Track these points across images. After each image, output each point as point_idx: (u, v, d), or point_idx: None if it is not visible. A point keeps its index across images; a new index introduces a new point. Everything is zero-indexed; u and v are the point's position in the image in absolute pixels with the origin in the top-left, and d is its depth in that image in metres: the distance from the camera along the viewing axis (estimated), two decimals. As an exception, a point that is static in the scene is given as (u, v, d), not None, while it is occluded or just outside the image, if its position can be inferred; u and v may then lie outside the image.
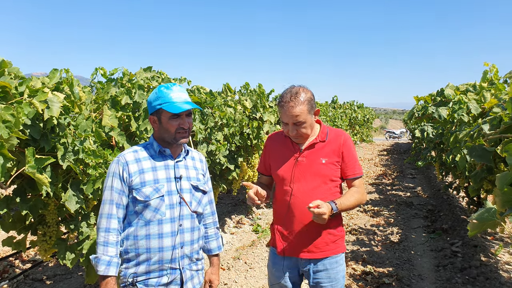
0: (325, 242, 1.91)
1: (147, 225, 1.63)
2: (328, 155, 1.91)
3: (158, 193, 1.63)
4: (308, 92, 1.88)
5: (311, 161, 1.90)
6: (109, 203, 1.63)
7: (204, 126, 3.61)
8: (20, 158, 1.96)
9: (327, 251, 1.92)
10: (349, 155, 1.92)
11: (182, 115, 1.67)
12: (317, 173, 1.89)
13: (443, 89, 3.88)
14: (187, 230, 1.70)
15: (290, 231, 1.93)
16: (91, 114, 2.54)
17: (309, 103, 1.84)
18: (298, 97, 1.83)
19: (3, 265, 4.00)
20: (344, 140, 1.94)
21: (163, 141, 1.71)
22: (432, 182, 9.32)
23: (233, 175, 4.63)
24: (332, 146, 1.92)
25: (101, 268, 1.57)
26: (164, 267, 1.65)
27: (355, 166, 1.94)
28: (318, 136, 1.95)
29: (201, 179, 1.81)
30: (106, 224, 1.62)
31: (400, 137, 24.91)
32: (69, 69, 2.36)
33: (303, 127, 1.86)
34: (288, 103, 1.83)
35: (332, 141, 1.93)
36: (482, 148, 2.34)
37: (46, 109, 1.91)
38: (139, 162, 1.67)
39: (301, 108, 1.82)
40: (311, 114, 1.88)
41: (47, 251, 2.43)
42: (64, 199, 2.08)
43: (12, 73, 2.01)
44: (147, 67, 3.41)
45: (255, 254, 4.48)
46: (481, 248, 4.45)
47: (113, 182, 1.64)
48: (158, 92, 1.67)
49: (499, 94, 3.01)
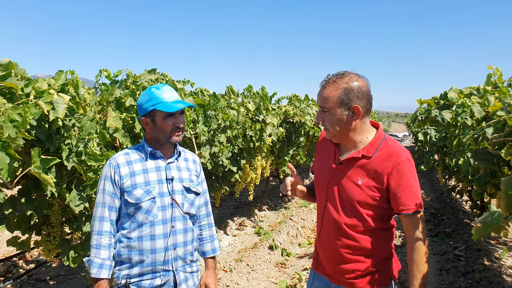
0: (357, 272, 1.57)
1: (140, 227, 1.63)
2: (368, 176, 1.51)
3: (149, 195, 1.64)
4: (356, 82, 1.49)
5: (345, 178, 1.55)
6: (101, 206, 1.64)
7: (207, 128, 3.62)
8: (25, 158, 1.97)
9: (359, 284, 1.57)
10: (400, 183, 1.46)
11: (176, 114, 1.68)
12: (347, 195, 1.54)
13: (447, 92, 3.87)
14: (179, 232, 1.70)
15: (322, 246, 1.67)
16: (96, 115, 2.55)
17: (346, 92, 1.47)
18: (338, 79, 1.49)
19: (7, 265, 4.01)
20: (395, 164, 1.47)
21: (156, 142, 1.71)
22: (435, 185, 9.29)
23: (235, 177, 4.63)
24: (377, 165, 1.49)
25: (93, 271, 1.59)
26: (157, 269, 1.65)
27: (409, 198, 1.46)
28: (364, 148, 1.53)
29: (194, 180, 1.80)
30: (98, 227, 1.63)
31: (403, 140, 24.85)
32: (74, 71, 2.38)
33: (329, 118, 1.52)
34: (324, 82, 1.53)
35: (379, 160, 1.50)
36: (486, 151, 2.34)
37: (52, 110, 1.93)
38: (130, 164, 1.67)
39: (331, 91, 1.48)
40: (344, 108, 1.48)
41: (51, 251, 2.44)
42: (69, 199, 2.09)
43: (19, 74, 2.03)
44: (151, 69, 3.43)
45: (257, 256, 4.48)
46: (485, 252, 4.43)
47: (105, 185, 1.65)
48: (150, 93, 1.67)
49: (503, 98, 3.00)
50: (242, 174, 4.87)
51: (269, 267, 4.21)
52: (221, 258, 4.47)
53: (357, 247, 1.56)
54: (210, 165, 3.78)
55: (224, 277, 3.88)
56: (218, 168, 4.05)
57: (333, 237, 1.60)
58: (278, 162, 6.34)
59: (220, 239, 5.11)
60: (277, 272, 4.12)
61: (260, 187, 8.00)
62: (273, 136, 5.18)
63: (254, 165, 5.20)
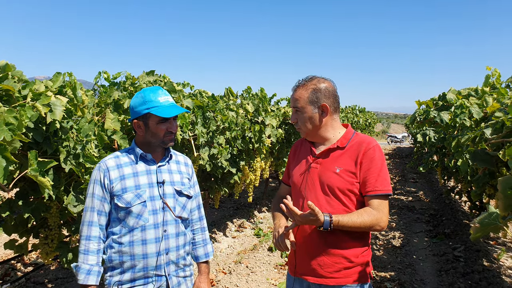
0: (338, 266, 1.61)
1: (131, 232, 1.60)
2: (344, 163, 1.62)
3: (139, 199, 1.60)
4: (323, 83, 1.66)
5: (324, 169, 1.66)
6: (90, 210, 1.62)
7: (206, 130, 3.61)
8: (22, 161, 1.97)
9: (340, 278, 1.61)
10: (370, 166, 1.59)
11: (170, 119, 1.66)
12: (328, 184, 1.63)
13: (445, 93, 3.88)
14: (172, 236, 1.66)
15: (300, 247, 1.69)
16: (94, 117, 2.55)
17: (314, 92, 1.64)
18: (307, 82, 1.67)
19: (5, 268, 4.00)
20: (366, 148, 1.61)
21: (148, 145, 1.69)
22: (434, 186, 9.29)
23: (235, 179, 4.63)
24: (350, 153, 1.63)
25: (81, 277, 1.56)
26: (149, 274, 1.62)
27: (377, 180, 1.58)
28: (338, 141, 1.68)
29: (186, 183, 1.77)
30: (87, 232, 1.60)
31: (402, 141, 24.86)
32: (72, 73, 2.37)
33: (301, 116, 1.67)
34: (295, 86, 1.70)
35: (353, 148, 1.64)
36: (485, 152, 2.34)
37: (49, 112, 1.92)
38: (120, 168, 1.64)
39: (301, 92, 1.66)
40: (314, 106, 1.65)
41: (49, 254, 2.43)
42: (67, 202, 2.09)
43: (16, 77, 2.03)
44: (150, 71, 3.42)
45: (256, 258, 4.47)
46: (484, 253, 4.43)
47: (94, 189, 1.63)
48: (145, 96, 1.64)
49: (501, 99, 3.01)
50: (241, 176, 4.86)
51: (269, 269, 4.20)
52: (221, 260, 4.46)
53: (336, 239, 1.61)
54: (209, 167, 3.77)
55: (224, 279, 3.87)
56: (217, 170, 4.04)
57: (313, 232, 1.64)
58: (277, 163, 6.34)
59: (219, 241, 5.10)
60: (276, 273, 4.11)
61: (259, 188, 7.99)
62: (272, 138, 5.17)
63: (253, 167, 5.20)
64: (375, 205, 1.58)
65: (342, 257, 1.61)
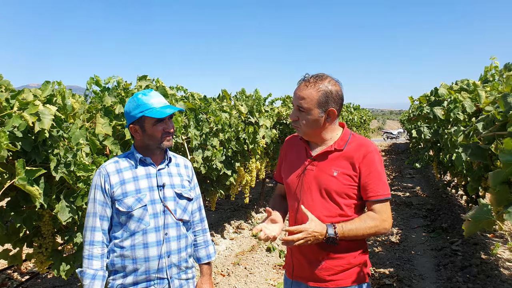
0: (336, 269, 1.59)
1: (132, 235, 1.61)
2: (341, 166, 1.58)
3: (140, 203, 1.62)
4: (334, 86, 1.56)
5: (320, 172, 1.60)
6: (93, 215, 1.63)
7: (199, 132, 3.60)
8: (13, 170, 1.94)
9: (338, 280, 1.59)
10: (370, 171, 1.55)
11: (166, 119, 1.66)
12: (325, 187, 1.58)
13: (437, 88, 3.89)
14: (173, 239, 1.67)
15: (297, 250, 1.67)
16: (85, 123, 2.53)
17: (325, 95, 1.53)
18: (318, 81, 1.55)
19: (1, 278, 3.96)
20: (366, 152, 1.57)
21: (146, 149, 1.69)
22: (431, 181, 9.32)
23: (230, 181, 4.61)
24: (348, 156, 1.58)
25: (86, 282, 1.57)
26: (151, 277, 1.63)
27: (378, 185, 1.55)
28: (335, 143, 1.61)
29: (186, 186, 1.78)
30: (90, 237, 1.61)
31: (398, 138, 24.94)
32: (62, 81, 2.35)
33: (305, 117, 1.57)
34: (303, 82, 1.58)
35: (350, 151, 1.59)
36: (477, 146, 2.34)
37: (37, 121, 1.90)
38: (120, 172, 1.65)
39: (310, 92, 1.54)
40: (321, 110, 1.55)
41: (44, 263, 2.41)
42: (57, 210, 2.07)
43: (3, 86, 2.01)
44: (142, 76, 3.39)
45: (255, 259, 4.46)
46: (481, 246, 4.44)
47: (95, 195, 1.64)
48: (137, 100, 1.64)
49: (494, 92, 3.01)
50: (237, 177, 4.84)
51: (267, 270, 4.19)
52: (219, 262, 4.44)
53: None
54: (204, 169, 3.75)
55: (222, 282, 3.85)
56: (212, 172, 4.02)
57: None
58: (273, 163, 6.33)
59: (217, 243, 5.08)
60: (275, 274, 4.11)
61: (256, 189, 7.98)
62: (266, 138, 5.16)
63: (249, 168, 5.18)
64: (378, 209, 1.56)
65: (341, 260, 1.60)
